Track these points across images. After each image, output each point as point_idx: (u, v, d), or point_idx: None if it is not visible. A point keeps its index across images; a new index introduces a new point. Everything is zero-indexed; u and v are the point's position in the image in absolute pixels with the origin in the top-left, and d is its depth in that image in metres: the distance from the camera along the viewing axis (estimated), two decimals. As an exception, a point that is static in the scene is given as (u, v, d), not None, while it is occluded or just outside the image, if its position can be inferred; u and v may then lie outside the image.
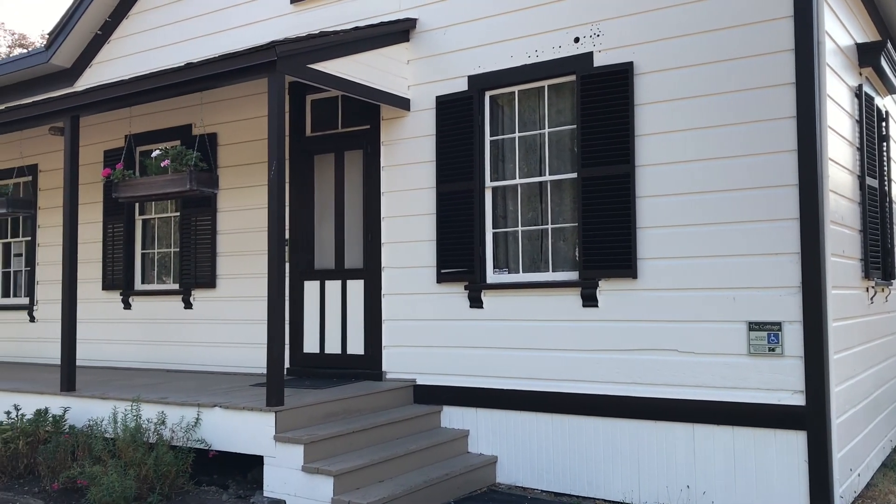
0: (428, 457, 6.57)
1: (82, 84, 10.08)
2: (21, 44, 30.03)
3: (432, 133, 7.43)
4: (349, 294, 7.96)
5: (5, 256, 11.30)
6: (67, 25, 9.96)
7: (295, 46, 6.36)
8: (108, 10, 9.91)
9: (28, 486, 6.62)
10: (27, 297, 10.85)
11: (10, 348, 10.92)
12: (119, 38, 9.96)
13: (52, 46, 10.16)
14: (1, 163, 10.88)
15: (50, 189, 10.43)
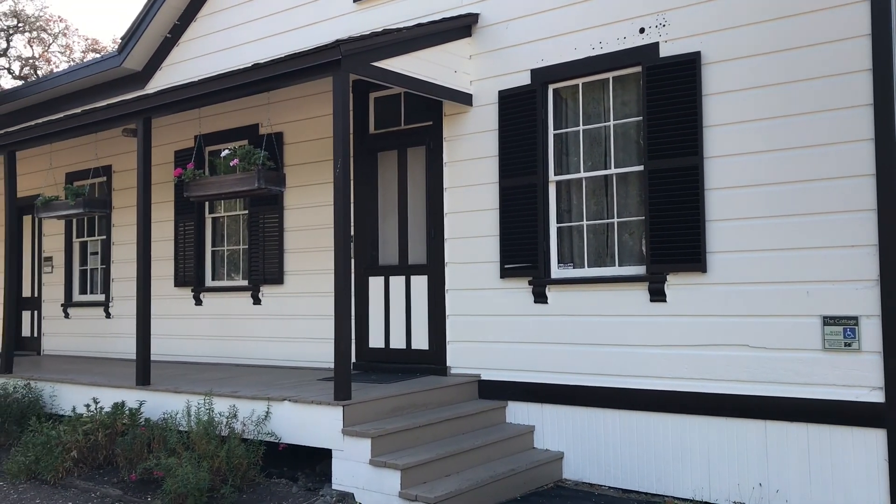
0: (493, 452, 6.57)
1: (153, 86, 10.36)
2: (94, 48, 31.00)
3: (495, 128, 7.41)
4: (413, 289, 8.01)
5: (82, 255, 11.70)
6: (138, 30, 10.25)
7: (359, 45, 6.42)
8: (176, 13, 10.17)
9: (107, 476, 6.86)
10: (103, 294, 11.22)
11: (87, 343, 11.32)
12: (187, 40, 10.21)
13: (123, 50, 10.47)
14: (77, 164, 11.28)
15: (123, 189, 10.77)
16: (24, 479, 7.00)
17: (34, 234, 12.40)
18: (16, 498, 6.57)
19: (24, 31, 30.96)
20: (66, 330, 11.71)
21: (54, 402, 8.33)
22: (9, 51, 31.13)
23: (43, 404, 8.35)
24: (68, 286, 11.71)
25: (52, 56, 31.09)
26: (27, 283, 12.47)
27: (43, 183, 11.60)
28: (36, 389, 8.45)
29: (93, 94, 11.22)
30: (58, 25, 31.30)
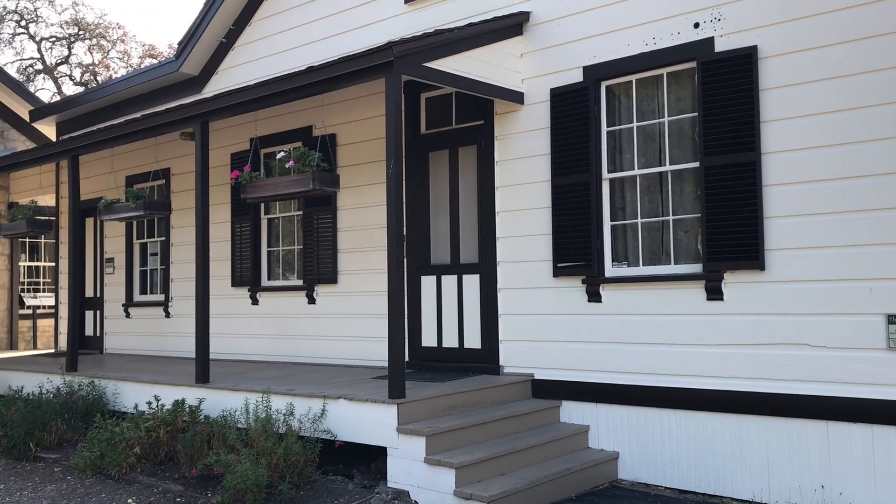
0: (548, 451, 6.56)
1: (209, 90, 10.57)
2: (150, 54, 31.77)
3: (547, 126, 7.39)
4: (465, 288, 8.03)
5: (142, 256, 12.01)
6: (194, 35, 10.47)
7: (411, 46, 6.46)
8: (231, 18, 10.36)
9: (169, 472, 7.03)
10: (162, 294, 11.50)
11: (147, 342, 11.61)
12: (242, 44, 10.39)
13: (181, 56, 10.71)
14: (137, 167, 11.58)
15: (181, 191, 11.01)
16: (90, 473, 7.21)
17: (96, 235, 12.76)
18: (83, 492, 6.78)
19: (84, 38, 31.88)
20: (127, 329, 12.03)
21: (117, 400, 8.56)
22: (70, 58, 32.09)
23: (106, 402, 8.59)
24: (129, 286, 12.02)
25: (111, 62, 31.96)
26: (90, 283, 12.84)
27: (104, 186, 11.94)
28: (100, 387, 8.69)
29: (151, 98, 11.50)
30: (116, 32, 32.19)
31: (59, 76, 31.92)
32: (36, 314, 15.55)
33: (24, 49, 31.78)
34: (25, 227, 11.10)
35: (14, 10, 30.97)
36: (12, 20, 31.13)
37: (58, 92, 31.13)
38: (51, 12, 31.58)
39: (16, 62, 31.38)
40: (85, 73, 31.83)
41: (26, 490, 6.96)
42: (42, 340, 15.57)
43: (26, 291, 15.61)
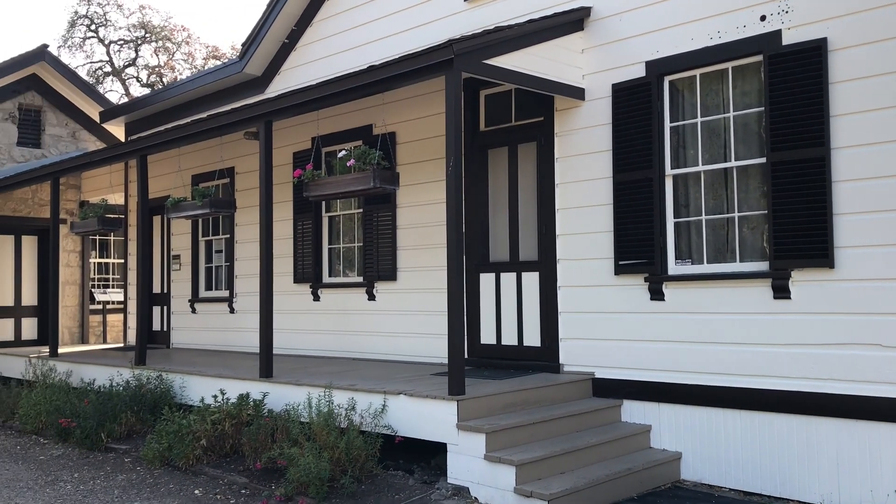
0: (609, 451, 6.50)
1: (272, 90, 10.76)
2: (214, 55, 32.46)
3: (608, 122, 7.32)
4: (524, 286, 8.00)
5: (207, 253, 12.29)
6: (257, 37, 10.67)
7: (471, 43, 6.47)
8: (293, 19, 10.52)
9: (234, 464, 7.19)
10: (227, 290, 11.75)
11: (212, 337, 11.88)
12: (304, 45, 10.54)
13: (244, 57, 10.92)
14: (203, 166, 11.85)
15: (245, 190, 11.23)
16: (158, 465, 7.42)
17: (163, 233, 13.11)
18: (151, 482, 6.99)
19: (150, 41, 32.74)
20: (192, 324, 12.33)
21: (184, 393, 8.78)
22: (137, 60, 32.99)
23: (174, 395, 8.82)
24: (195, 283, 12.32)
25: (176, 64, 32.74)
26: (157, 280, 13.20)
27: (171, 185, 12.26)
28: (167, 381, 8.93)
29: (216, 99, 11.76)
30: (181, 34, 32.96)
31: (127, 78, 32.86)
32: (105, 309, 16.06)
33: (93, 52, 32.82)
34: (96, 224, 11.46)
35: (85, 14, 32.00)
36: (83, 24, 32.18)
37: (125, 93, 32.05)
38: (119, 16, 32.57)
39: (86, 65, 32.42)
40: (151, 75, 32.70)
41: (98, 479, 7.20)
42: (111, 335, 16.08)
43: (96, 287, 16.13)
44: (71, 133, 14.92)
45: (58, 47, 31.53)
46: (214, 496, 6.46)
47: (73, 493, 6.78)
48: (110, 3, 32.28)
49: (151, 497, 6.54)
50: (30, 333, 14.65)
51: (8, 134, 14.08)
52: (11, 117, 14.12)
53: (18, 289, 14.54)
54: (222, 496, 6.45)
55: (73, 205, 15.03)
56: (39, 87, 14.45)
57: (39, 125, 14.54)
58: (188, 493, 6.57)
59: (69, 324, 14.94)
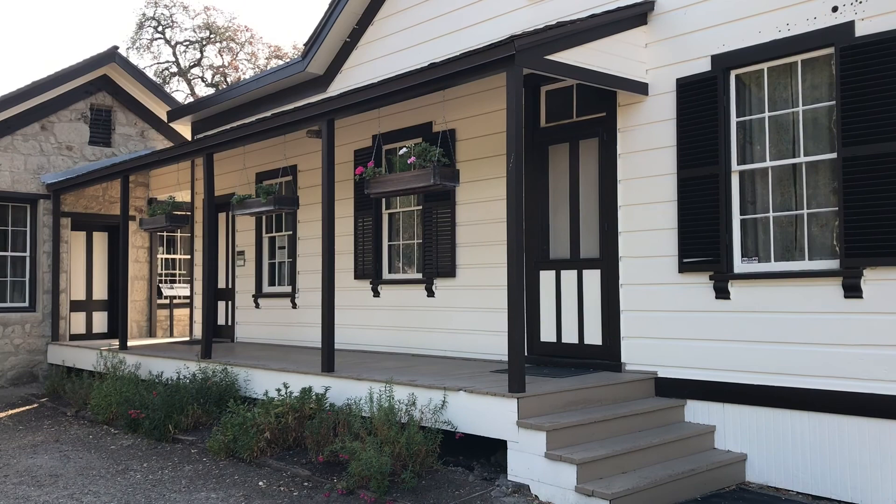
0: (672, 451, 6.41)
1: (333, 89, 10.89)
2: (276, 55, 33.00)
3: (672, 117, 7.20)
4: (585, 284, 7.94)
5: (270, 249, 12.51)
6: (320, 36, 10.80)
7: (532, 39, 6.44)
8: (355, 18, 10.62)
9: (296, 457, 7.31)
10: (290, 286, 11.95)
11: (275, 332, 12.10)
12: (365, 43, 10.64)
13: (306, 56, 11.07)
14: (267, 164, 12.07)
15: (307, 187, 11.39)
16: (223, 456, 7.60)
17: (228, 229, 13.39)
18: (217, 473, 7.15)
19: (215, 41, 33.46)
20: (256, 319, 12.58)
21: (248, 386, 8.97)
22: (202, 60, 33.76)
23: (238, 388, 9.01)
24: (258, 278, 12.55)
25: (240, 64, 33.38)
26: (222, 275, 13.49)
27: (236, 182, 12.52)
28: (232, 374, 9.12)
29: (278, 98, 11.95)
30: (244, 35, 33.59)
31: (192, 78, 33.65)
32: (172, 304, 16.48)
33: (160, 53, 33.68)
34: (164, 221, 11.77)
35: (152, 16, 32.87)
36: (150, 26, 33.05)
37: (191, 93, 32.83)
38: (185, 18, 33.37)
39: (153, 66, 33.30)
40: (215, 75, 33.42)
41: (166, 469, 7.40)
42: (178, 329, 16.50)
43: (163, 282, 16.57)
44: (140, 132, 15.35)
45: (126, 49, 32.49)
46: (278, 488, 6.58)
47: (142, 482, 6.98)
48: (176, 5, 33.10)
49: (217, 488, 6.69)
50: (100, 327, 15.14)
51: (80, 133, 14.56)
52: (83, 117, 14.60)
53: (90, 284, 15.04)
54: (285, 488, 6.56)
55: (141, 202, 15.47)
56: (110, 87, 14.91)
57: (110, 125, 15.00)
58: (252, 485, 6.71)
59: (137, 318, 15.39)
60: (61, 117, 14.33)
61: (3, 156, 13.61)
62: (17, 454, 8.31)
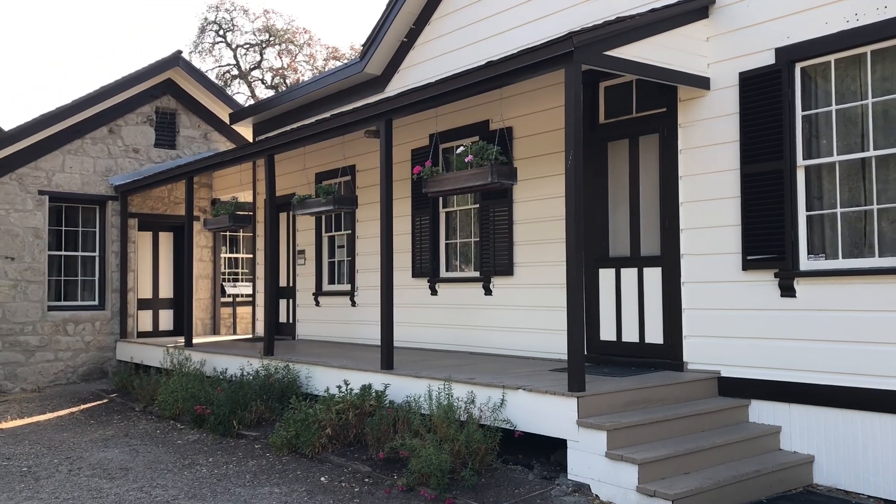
0: (736, 451, 6.29)
1: (391, 89, 10.97)
2: (334, 56, 33.38)
3: (735, 111, 7.06)
4: (646, 282, 7.84)
5: (330, 248, 12.68)
6: (377, 37, 10.90)
7: (591, 35, 6.39)
8: (412, 18, 10.68)
9: (357, 453, 7.40)
10: (349, 284, 12.09)
11: (334, 329, 12.25)
12: (422, 43, 10.69)
13: (364, 57, 11.18)
14: (327, 164, 12.23)
15: (365, 187, 11.51)
16: (286, 451, 7.73)
17: (289, 229, 13.61)
18: (280, 469, 7.28)
19: (274, 44, 34.03)
20: (316, 317, 12.76)
21: (309, 383, 9.10)
22: (262, 63, 34.36)
23: (300, 384, 9.15)
24: (318, 277, 12.73)
25: (298, 65, 33.88)
26: (283, 273, 13.72)
27: (296, 183, 12.71)
28: (293, 371, 9.27)
29: (337, 99, 12.10)
30: (302, 37, 34.06)
31: (252, 80, 34.27)
32: (235, 302, 16.84)
33: (221, 56, 34.33)
34: (227, 221, 12.02)
35: (214, 20, 33.58)
36: (212, 30, 33.77)
37: (251, 95, 33.43)
38: (245, 21, 33.98)
39: (214, 69, 34.01)
40: (275, 77, 33.98)
41: (231, 464, 7.57)
42: (241, 326, 16.84)
43: (227, 281, 16.94)
44: (203, 134, 15.71)
45: (189, 53, 33.27)
46: (339, 483, 6.67)
47: (208, 476, 7.15)
48: (237, 9, 33.74)
49: (280, 483, 6.82)
50: (166, 324, 15.54)
51: (146, 136, 14.97)
52: (149, 120, 15.00)
53: (156, 282, 15.46)
54: (347, 484, 6.65)
55: (205, 202, 15.83)
56: (174, 91, 15.28)
57: (174, 127, 15.38)
58: (314, 480, 6.82)
59: (202, 315, 15.76)
60: (128, 121, 14.75)
61: (74, 159, 14.08)
62: (89, 447, 8.60)
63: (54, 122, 13.72)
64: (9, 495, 6.66)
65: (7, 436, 9.43)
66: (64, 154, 13.99)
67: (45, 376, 13.56)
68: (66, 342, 13.85)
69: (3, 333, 13.20)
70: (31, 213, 13.55)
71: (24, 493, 6.75)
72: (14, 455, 8.28)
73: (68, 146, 14.03)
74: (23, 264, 13.43)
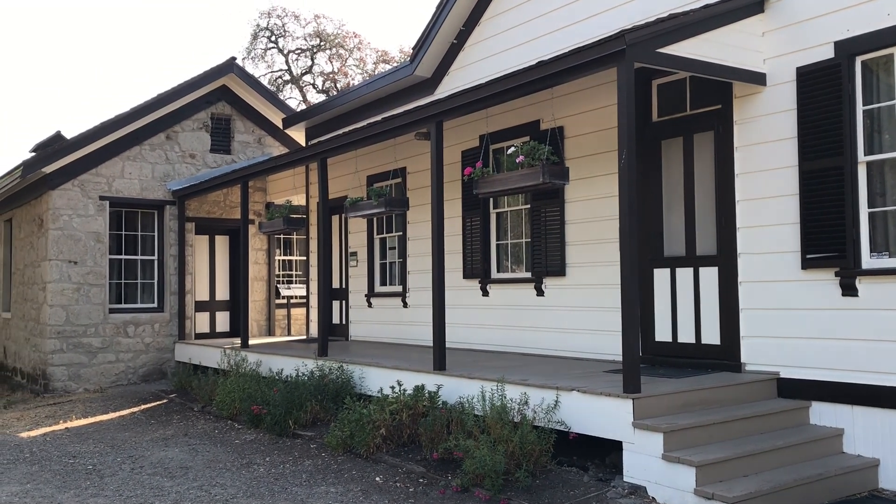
0: (796, 454, 6.16)
1: (441, 91, 11.00)
2: (384, 60, 33.63)
3: (793, 107, 6.91)
4: (702, 281, 7.72)
5: (382, 250, 12.77)
6: (427, 39, 10.94)
7: (644, 33, 6.32)
8: (461, 20, 10.70)
9: (411, 453, 7.44)
10: (400, 286, 12.16)
11: (386, 330, 12.34)
12: (472, 44, 10.70)
13: (414, 60, 11.24)
14: (378, 167, 12.33)
15: (416, 189, 11.56)
16: (341, 451, 7.82)
17: (341, 231, 13.75)
18: (336, 468, 7.37)
19: (325, 48, 34.42)
20: (368, 318, 12.86)
21: (363, 384, 9.18)
22: (313, 68, 34.79)
23: (353, 385, 9.23)
24: (370, 278, 12.83)
25: (349, 69, 34.21)
26: (336, 275, 13.86)
27: (348, 185, 12.84)
28: (347, 371, 9.36)
29: (387, 101, 12.18)
30: (353, 41, 34.39)
31: (304, 85, 34.72)
32: (290, 303, 17.07)
33: (273, 62, 34.87)
34: (282, 224, 12.21)
35: (266, 27, 34.13)
36: (264, 36, 34.32)
37: (303, 100, 33.88)
38: (296, 27, 34.46)
39: (267, 74, 34.55)
40: (326, 82, 34.36)
41: (287, 464, 7.68)
42: (295, 327, 17.07)
43: (281, 283, 17.18)
44: (257, 139, 15.97)
45: (242, 59, 33.85)
46: (394, 483, 6.72)
47: (265, 475, 7.27)
48: (288, 15, 34.22)
49: (336, 482, 6.89)
50: (223, 326, 15.84)
51: (202, 142, 15.28)
52: (205, 126, 15.31)
53: (213, 285, 15.76)
54: (401, 484, 6.69)
55: (259, 206, 16.08)
56: (228, 97, 15.57)
57: (229, 133, 15.67)
58: (370, 480, 6.87)
59: (257, 317, 16.02)
60: (184, 127, 15.08)
61: (133, 165, 14.45)
62: (150, 447, 8.81)
63: (113, 129, 14.10)
64: (76, 492, 6.87)
65: (73, 434, 9.72)
66: (123, 160, 14.36)
67: (106, 377, 13.95)
68: (127, 344, 14.22)
69: (67, 335, 13.62)
70: (92, 218, 13.95)
71: (89, 490, 6.95)
72: (79, 453, 8.53)
73: (127, 152, 14.40)
74: (85, 268, 13.83)
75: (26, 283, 14.98)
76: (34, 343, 14.26)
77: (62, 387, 13.51)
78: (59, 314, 13.57)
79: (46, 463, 8.09)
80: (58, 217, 13.64)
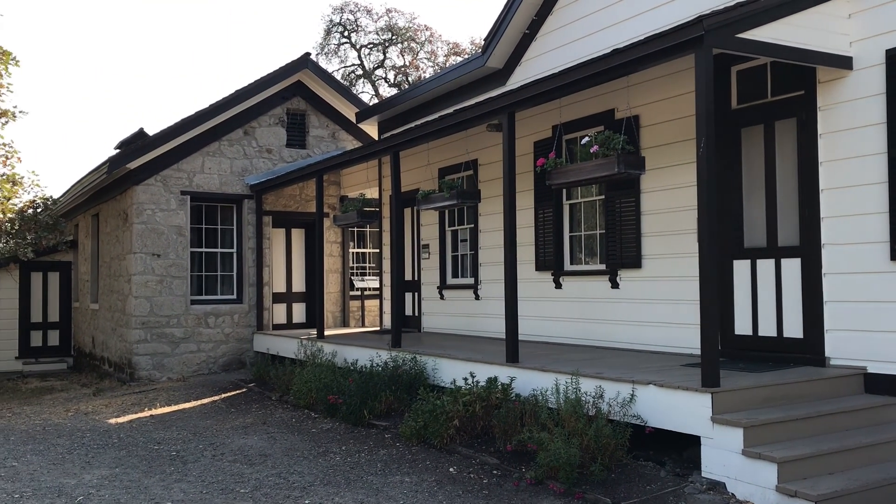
0: (885, 452, 5.92)
1: (513, 82, 10.94)
2: (455, 52, 33.66)
3: (881, 91, 6.63)
4: (784, 273, 7.49)
5: (453, 242, 12.80)
6: (499, 30, 10.89)
7: (722, 18, 6.16)
8: (533, 10, 10.61)
9: (484, 445, 7.45)
10: (472, 278, 12.17)
11: (458, 322, 12.37)
12: (544, 34, 10.60)
13: (486, 51, 11.20)
14: (449, 159, 12.35)
15: (487, 181, 11.53)
16: (415, 442, 7.88)
17: (413, 224, 13.84)
18: (410, 459, 7.44)
19: (396, 42, 34.67)
20: (440, 310, 12.92)
21: (435, 375, 9.23)
22: (385, 62, 35.10)
23: (426, 376, 9.29)
24: (442, 270, 12.88)
25: (420, 63, 34.38)
26: (408, 268, 13.96)
27: (420, 178, 12.91)
28: (420, 362, 9.43)
29: (459, 94, 12.18)
30: (424, 34, 34.54)
31: (376, 79, 35.07)
32: (363, 295, 17.30)
33: (346, 56, 35.30)
34: (355, 217, 12.37)
35: (339, 22, 34.58)
36: (337, 32, 34.78)
37: (375, 94, 34.22)
38: (368, 21, 34.80)
39: (340, 69, 35.01)
40: (397, 75, 34.63)
41: (363, 453, 7.79)
42: (368, 319, 17.29)
43: (355, 275, 17.42)
44: (331, 134, 16.20)
45: (316, 55, 34.41)
46: (468, 475, 6.74)
47: (341, 464, 7.40)
48: (360, 10, 34.59)
49: (410, 472, 6.96)
50: (299, 317, 16.16)
51: (278, 137, 15.60)
52: (281, 122, 15.62)
53: (289, 277, 16.09)
54: (475, 475, 6.71)
55: (334, 199, 16.33)
56: (303, 92, 15.84)
57: (304, 128, 15.94)
58: (444, 471, 6.92)
59: (332, 308, 16.28)
60: (261, 122, 15.41)
61: (212, 160, 14.85)
62: (230, 434, 9.06)
63: (193, 125, 14.51)
64: (160, 477, 7.13)
65: (157, 422, 10.09)
66: (203, 156, 14.77)
67: (188, 366, 14.40)
68: (208, 334, 14.64)
69: (150, 326, 14.11)
70: (174, 212, 14.40)
71: (173, 475, 7.20)
72: (164, 440, 8.84)
73: (207, 148, 14.81)
74: (167, 261, 14.30)
75: (112, 276, 15.57)
76: (120, 333, 14.82)
77: (146, 375, 14.02)
78: (143, 305, 14.07)
79: (133, 448, 8.41)
80: (142, 211, 14.13)
